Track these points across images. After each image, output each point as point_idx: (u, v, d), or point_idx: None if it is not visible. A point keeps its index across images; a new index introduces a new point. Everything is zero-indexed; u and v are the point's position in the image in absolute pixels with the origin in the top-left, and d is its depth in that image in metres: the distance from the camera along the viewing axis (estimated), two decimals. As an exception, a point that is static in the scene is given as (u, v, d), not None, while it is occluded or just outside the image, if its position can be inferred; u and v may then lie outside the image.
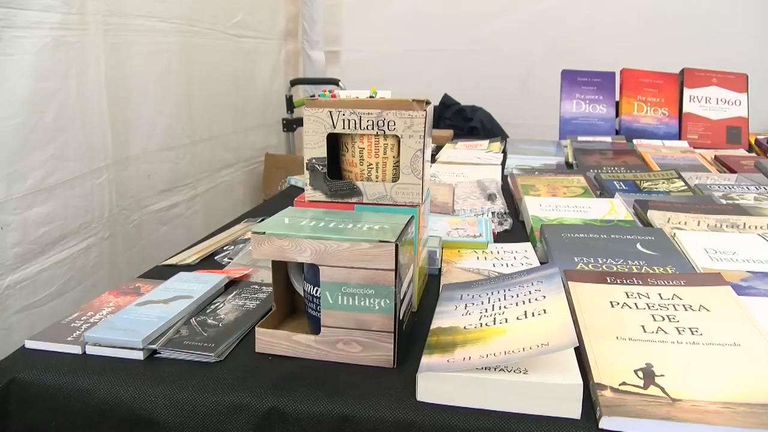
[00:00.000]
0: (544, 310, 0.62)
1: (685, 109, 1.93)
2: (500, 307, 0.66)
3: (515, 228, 1.10)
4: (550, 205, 1.12)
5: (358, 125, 0.72)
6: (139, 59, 1.50)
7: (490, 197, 1.17)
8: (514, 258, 0.91)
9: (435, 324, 0.67)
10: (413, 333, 0.69)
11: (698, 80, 1.96)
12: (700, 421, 0.52)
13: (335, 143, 0.75)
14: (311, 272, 0.64)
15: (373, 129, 0.72)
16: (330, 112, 0.72)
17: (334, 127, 0.72)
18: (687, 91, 1.95)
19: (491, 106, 2.77)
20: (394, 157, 0.73)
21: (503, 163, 1.63)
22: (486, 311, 0.66)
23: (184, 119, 1.70)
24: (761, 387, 0.55)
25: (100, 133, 1.35)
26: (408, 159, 0.72)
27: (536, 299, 0.66)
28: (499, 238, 1.04)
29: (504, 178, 1.45)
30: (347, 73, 2.98)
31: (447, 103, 2.74)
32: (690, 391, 0.55)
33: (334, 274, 0.61)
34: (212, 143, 1.89)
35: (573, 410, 0.54)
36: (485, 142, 1.89)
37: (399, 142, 0.72)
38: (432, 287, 0.83)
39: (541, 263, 0.88)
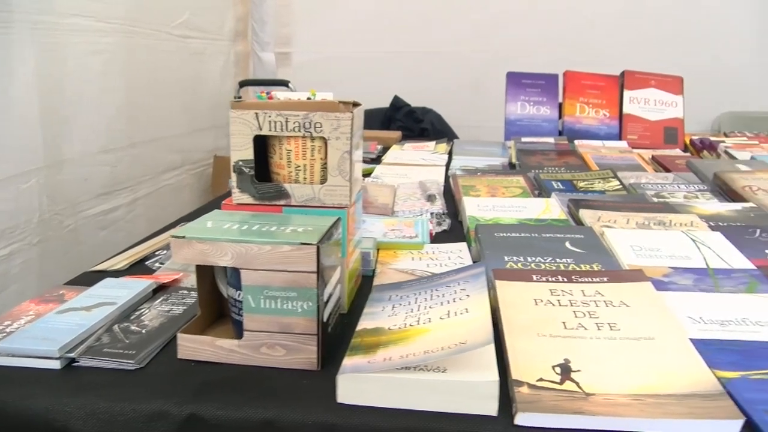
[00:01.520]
0: (467, 310, 0.63)
1: (625, 110, 1.98)
2: (426, 308, 0.67)
3: (455, 228, 1.11)
4: (488, 205, 1.13)
5: (284, 127, 0.72)
6: (75, 59, 1.46)
7: (430, 198, 1.18)
8: (449, 258, 0.92)
9: (361, 325, 0.67)
10: (342, 335, 0.69)
11: (637, 82, 2.02)
12: (610, 414, 0.53)
13: (265, 145, 0.75)
14: (234, 276, 0.64)
15: (299, 131, 0.71)
16: (256, 113, 0.72)
17: (261, 129, 0.72)
18: (627, 93, 2.00)
19: (442, 107, 2.79)
20: (321, 158, 0.73)
21: (448, 164, 1.65)
22: (412, 311, 0.67)
23: (124, 121, 1.66)
24: (669, 378, 0.57)
25: (29, 135, 1.31)
26: (335, 161, 0.72)
27: (460, 299, 0.66)
28: (438, 238, 1.05)
29: (447, 179, 1.46)
30: (299, 74, 2.96)
31: (398, 104, 2.75)
32: (603, 385, 0.56)
33: (255, 278, 0.61)
34: (155, 145, 1.86)
35: (490, 407, 0.55)
36: (432, 144, 1.90)
37: (326, 143, 0.72)
38: (366, 289, 0.83)
39: (475, 263, 0.89)
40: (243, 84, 2.76)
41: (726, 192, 1.26)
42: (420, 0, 2.91)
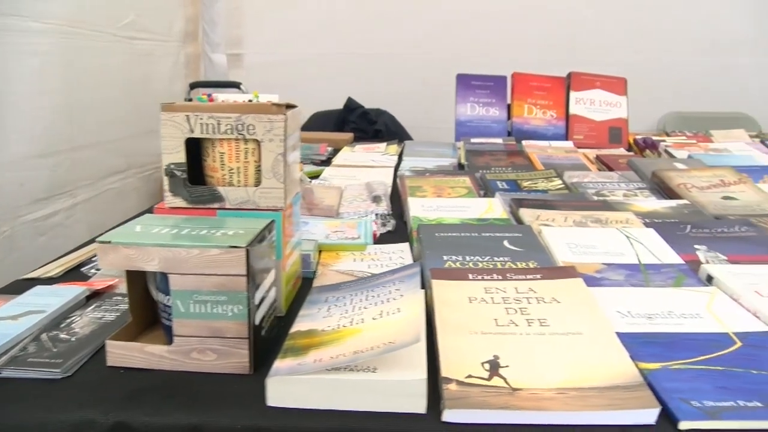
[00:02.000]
0: (399, 309, 0.64)
1: (572, 111, 2.03)
2: (360, 309, 0.67)
3: (400, 229, 1.12)
4: (432, 205, 1.14)
5: (216, 129, 0.71)
6: (8, 61, 1.41)
7: (376, 199, 1.19)
8: (390, 259, 0.92)
9: (295, 327, 0.67)
10: (278, 337, 0.69)
11: (583, 83, 2.06)
12: (535, 408, 0.54)
13: (199, 148, 0.74)
14: (163, 281, 0.63)
15: (232, 133, 0.71)
16: (187, 116, 0.71)
17: (192, 132, 0.71)
18: (573, 94, 2.05)
19: (396, 109, 2.80)
20: (255, 161, 0.72)
21: (399, 166, 1.65)
22: (346, 313, 0.67)
23: (64, 124, 1.61)
24: (593, 372, 0.58)
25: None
26: (269, 163, 0.71)
27: (394, 299, 0.67)
28: (383, 239, 1.06)
29: (396, 180, 1.47)
30: (252, 76, 2.93)
31: (351, 106, 2.75)
32: (530, 380, 0.57)
33: (184, 282, 0.60)
34: (99, 149, 1.81)
35: (418, 405, 0.56)
36: (383, 145, 1.91)
37: (260, 146, 0.71)
38: (306, 291, 0.82)
39: (415, 262, 0.90)
40: (194, 86, 2.72)
41: (663, 190, 1.31)
42: (373, 2, 2.92)
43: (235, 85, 2.65)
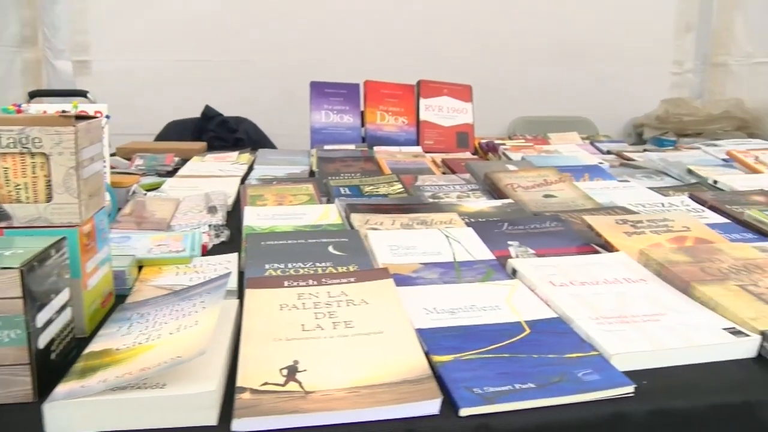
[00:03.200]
0: (197, 322, 0.63)
1: (422, 117, 2.11)
2: (161, 324, 0.66)
3: (236, 239, 1.10)
4: (268, 214, 1.14)
5: (-2, 143, 0.66)
6: None
7: (211, 210, 1.17)
8: (215, 270, 0.91)
9: (89, 348, 0.64)
10: (75, 360, 0.65)
11: (432, 91, 2.15)
12: (325, 409, 0.56)
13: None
14: (-72, 309, 0.57)
15: (16, 147, 0.67)
16: (-38, 129, 0.65)
17: (-31, 146, 0.66)
18: (423, 101, 2.13)
19: (258, 117, 2.77)
20: (45, 176, 0.68)
21: (248, 175, 1.63)
22: (146, 329, 0.65)
23: None
24: (386, 369, 0.61)
25: None
26: (60, 177, 0.68)
27: (196, 311, 0.66)
28: (217, 250, 1.04)
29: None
30: (101, 84, 2.76)
31: (209, 114, 2.67)
32: (325, 382, 0.59)
33: (-50, 309, 0.55)
34: None
35: (209, 417, 0.55)
36: (235, 154, 1.88)
37: (49, 160, 0.68)
38: (120, 309, 0.79)
39: (241, 272, 0.89)
40: (33, 95, 2.52)
41: (494, 190, 1.39)
42: (229, 8, 2.87)
43: (81, 94, 2.50)
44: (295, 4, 2.88)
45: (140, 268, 0.91)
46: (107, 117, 1.20)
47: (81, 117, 0.71)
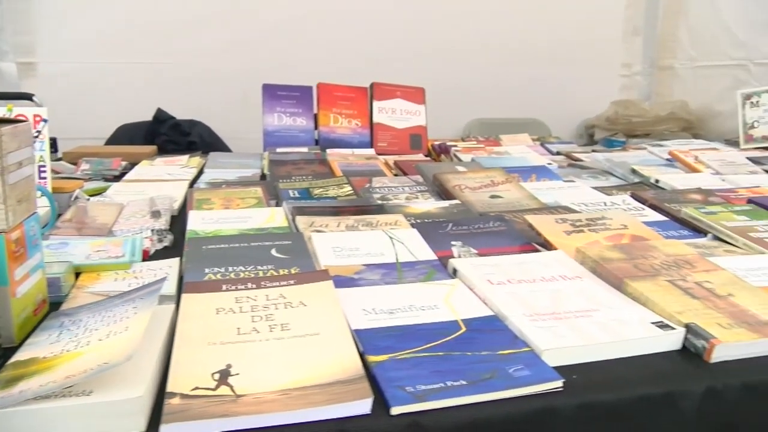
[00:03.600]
0: (127, 328, 0.62)
1: (375, 119, 2.12)
2: (91, 330, 0.64)
3: (180, 244, 1.09)
4: (213, 217, 1.13)
5: None
6: None
7: (155, 214, 1.15)
8: (155, 276, 0.89)
9: (14, 358, 0.62)
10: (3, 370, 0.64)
11: (385, 93, 2.16)
12: (255, 412, 0.56)
13: None
14: None
15: (-64, 152, 0.65)
16: None
17: None
18: (376, 104, 2.14)
19: (213, 120, 2.74)
20: (-31, 181, 0.67)
21: (198, 178, 1.61)
22: (75, 336, 0.64)
23: None
24: (319, 370, 0.61)
25: None
26: (-15, 183, 0.66)
27: (128, 317, 0.65)
28: (159, 255, 1.02)
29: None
30: (48, 87, 2.69)
31: (161, 117, 2.63)
32: (257, 385, 0.59)
33: None
34: None
35: (138, 424, 0.55)
36: (185, 158, 1.85)
37: (-28, 164, 0.66)
38: (53, 316, 0.77)
39: (181, 277, 0.88)
40: (-25, 98, 2.45)
41: (442, 192, 1.41)
42: (183, 10, 2.83)
43: (26, 97, 2.43)
44: (249, 6, 2.86)
45: (78, 274, 0.90)
46: (45, 121, 1.17)
47: (7, 121, 0.69)
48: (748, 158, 1.79)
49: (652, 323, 0.74)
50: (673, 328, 0.73)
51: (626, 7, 3.30)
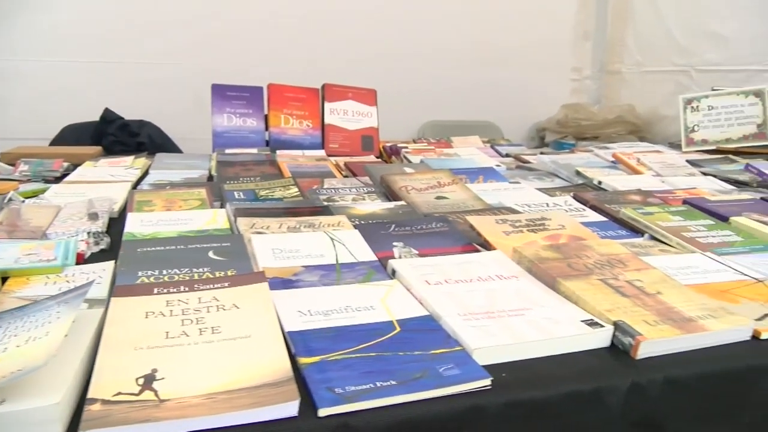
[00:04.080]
0: (47, 333, 0.60)
1: (327, 121, 2.11)
2: (10, 336, 0.62)
3: (119, 247, 1.06)
4: (152, 220, 1.11)
5: None
6: None
7: (92, 217, 1.12)
8: (88, 279, 0.87)
9: (-74, 367, 0.60)
10: None
11: (336, 95, 2.16)
12: (179, 416, 0.55)
13: None
14: None
15: None
16: None
17: None
18: (327, 105, 2.13)
19: (164, 121, 2.68)
20: None
21: (142, 180, 1.58)
22: (-8, 343, 0.62)
23: None
24: (246, 373, 0.60)
25: None
26: None
27: (49, 322, 0.63)
28: (96, 258, 1.00)
29: (131, 195, 1.40)
30: (-2, 84, 2.61)
31: (109, 118, 2.56)
32: (181, 390, 0.58)
33: None
34: None
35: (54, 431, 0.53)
36: (129, 159, 1.81)
37: None
38: (-24, 323, 0.74)
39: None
40: None
41: (389, 193, 1.41)
42: (131, 9, 2.77)
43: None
44: (204, 7, 2.82)
45: (5, 279, 0.87)
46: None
47: None
48: (687, 161, 1.86)
49: (582, 321, 0.76)
50: (602, 326, 0.74)
51: (577, 12, 3.37)
